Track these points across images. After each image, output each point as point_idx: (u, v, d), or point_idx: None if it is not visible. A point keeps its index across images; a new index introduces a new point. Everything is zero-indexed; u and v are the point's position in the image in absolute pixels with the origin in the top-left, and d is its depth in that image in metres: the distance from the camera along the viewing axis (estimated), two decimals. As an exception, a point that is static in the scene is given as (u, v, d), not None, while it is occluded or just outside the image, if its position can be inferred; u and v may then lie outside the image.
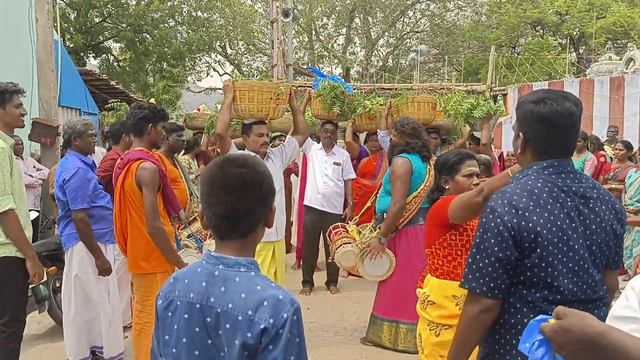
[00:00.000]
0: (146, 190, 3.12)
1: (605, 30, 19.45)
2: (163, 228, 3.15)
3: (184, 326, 1.38)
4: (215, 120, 5.67)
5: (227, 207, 1.36)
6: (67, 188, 3.58)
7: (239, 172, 1.38)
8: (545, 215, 1.64)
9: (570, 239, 1.65)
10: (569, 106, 1.70)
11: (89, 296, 3.76)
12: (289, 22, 13.10)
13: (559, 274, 1.63)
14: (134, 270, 3.38)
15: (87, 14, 20.40)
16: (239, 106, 3.98)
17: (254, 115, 4.06)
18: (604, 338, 1.04)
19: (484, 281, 1.65)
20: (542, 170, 1.72)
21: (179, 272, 1.49)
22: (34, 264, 3.09)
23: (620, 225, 1.76)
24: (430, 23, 26.65)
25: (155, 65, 22.92)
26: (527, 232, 1.62)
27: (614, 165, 6.80)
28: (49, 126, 6.24)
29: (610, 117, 11.10)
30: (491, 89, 13.20)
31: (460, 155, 2.83)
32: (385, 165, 6.36)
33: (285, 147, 4.37)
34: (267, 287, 1.34)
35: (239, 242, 1.41)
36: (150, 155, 3.26)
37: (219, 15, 25.12)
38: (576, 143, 1.86)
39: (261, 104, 4.00)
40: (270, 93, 4.01)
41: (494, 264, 1.64)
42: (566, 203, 1.67)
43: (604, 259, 1.73)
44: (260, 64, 28.20)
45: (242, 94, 3.95)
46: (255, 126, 4.05)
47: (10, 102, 3.13)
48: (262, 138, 4.04)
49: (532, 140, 1.75)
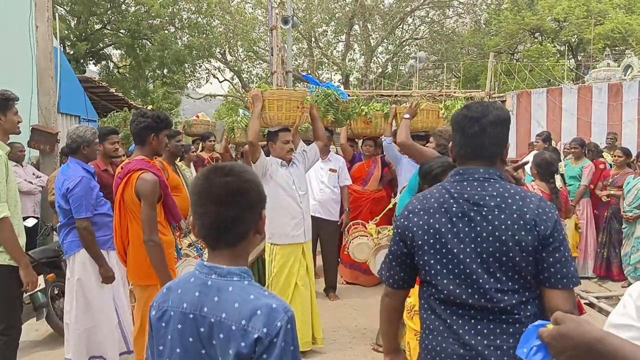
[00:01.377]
0: (144, 202, 3.07)
1: (604, 37, 19.53)
2: (159, 241, 3.08)
3: (178, 336, 1.37)
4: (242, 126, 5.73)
5: (214, 217, 1.36)
6: (71, 197, 3.56)
7: (224, 182, 1.37)
8: (425, 218, 1.75)
9: (448, 242, 1.70)
10: (476, 110, 1.75)
11: (91, 304, 3.74)
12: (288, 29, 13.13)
13: (437, 274, 1.72)
14: (134, 281, 3.35)
15: (87, 21, 20.48)
16: (267, 114, 4.17)
17: (281, 123, 4.24)
18: (602, 344, 1.04)
19: (386, 271, 1.91)
20: (450, 177, 1.82)
21: (172, 282, 1.49)
22: (27, 272, 3.08)
23: (531, 238, 1.63)
24: (430, 30, 26.78)
25: (155, 72, 22.97)
26: (407, 232, 1.78)
27: (612, 171, 6.81)
28: (49, 133, 6.24)
29: (609, 123, 11.12)
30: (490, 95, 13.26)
31: (443, 167, 2.83)
32: (377, 171, 6.38)
33: (307, 153, 4.52)
34: (260, 296, 1.34)
35: (230, 252, 1.40)
36: (151, 166, 3.19)
37: (219, 22, 25.22)
38: (494, 150, 1.76)
39: (289, 112, 4.20)
40: (297, 102, 4.21)
41: (389, 257, 1.89)
42: (451, 209, 1.72)
43: (506, 269, 1.65)
44: (260, 70, 28.28)
45: (271, 103, 4.14)
46: (282, 133, 4.26)
47: (11, 109, 3.16)
48: (288, 145, 4.27)
49: (452, 146, 1.87)
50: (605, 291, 6.29)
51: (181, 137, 5.37)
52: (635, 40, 19.32)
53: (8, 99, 3.13)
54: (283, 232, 4.27)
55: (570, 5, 20.27)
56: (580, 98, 11.75)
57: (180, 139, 5.15)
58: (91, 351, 3.80)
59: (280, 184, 4.25)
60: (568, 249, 1.69)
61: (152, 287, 3.18)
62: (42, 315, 4.28)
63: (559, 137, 11.35)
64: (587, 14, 20.09)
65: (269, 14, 13.26)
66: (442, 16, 26.57)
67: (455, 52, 25.74)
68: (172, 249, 3.30)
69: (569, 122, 11.85)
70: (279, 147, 4.26)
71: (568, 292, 1.65)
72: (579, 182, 6.70)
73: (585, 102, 11.64)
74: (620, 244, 6.50)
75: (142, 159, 3.20)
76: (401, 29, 27.56)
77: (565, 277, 1.64)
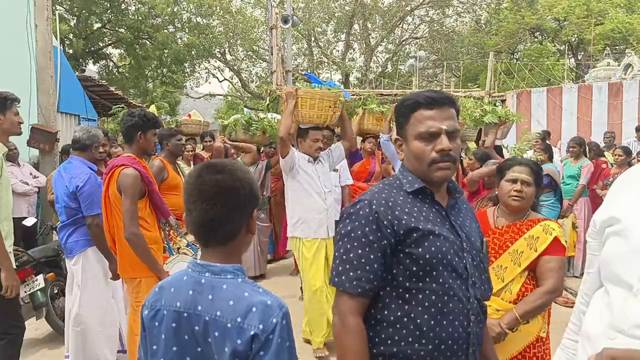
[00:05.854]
0: (124, 196, 3.14)
1: (604, 36, 19.51)
2: (140, 234, 3.14)
3: (173, 335, 1.36)
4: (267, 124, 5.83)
5: (203, 215, 1.35)
6: (81, 194, 3.59)
7: (215, 179, 1.36)
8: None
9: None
10: (409, 97, 1.69)
11: (95, 303, 3.75)
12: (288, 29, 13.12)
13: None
14: (122, 275, 3.42)
15: (87, 20, 20.46)
16: (300, 112, 4.27)
17: (313, 122, 4.37)
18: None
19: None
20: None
21: (165, 280, 1.48)
22: (8, 276, 3.04)
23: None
24: (429, 29, 26.76)
25: (155, 71, 22.97)
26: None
27: (613, 170, 6.80)
28: (48, 132, 6.24)
29: (609, 122, 11.10)
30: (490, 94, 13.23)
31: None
32: (378, 167, 6.38)
33: (332, 152, 4.62)
34: (255, 293, 1.34)
35: (221, 250, 1.40)
36: (135, 162, 3.26)
37: (219, 22, 25.21)
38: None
39: (321, 112, 4.30)
40: (330, 102, 4.30)
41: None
42: None
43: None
44: (260, 70, 28.29)
45: (304, 102, 4.25)
46: (312, 131, 4.40)
47: (11, 109, 3.16)
48: (317, 143, 4.41)
49: None
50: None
51: (182, 137, 5.36)
52: (636, 40, 19.30)
53: (7, 99, 3.14)
54: (307, 226, 4.38)
55: (570, 5, 20.26)
56: (581, 97, 11.74)
57: (180, 138, 5.14)
58: (89, 357, 3.80)
59: (307, 179, 4.38)
60: None
61: (139, 280, 3.24)
62: (41, 315, 4.29)
63: (559, 137, 11.34)
64: (588, 14, 20.07)
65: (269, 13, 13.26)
66: (442, 15, 26.55)
67: (455, 51, 25.72)
68: (156, 245, 3.32)
69: (569, 121, 11.83)
70: (308, 145, 4.39)
71: None
72: (577, 181, 6.69)
73: (586, 101, 11.63)
74: (620, 242, 6.48)
75: (128, 156, 3.28)
76: (401, 28, 27.56)
77: None
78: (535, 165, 2.62)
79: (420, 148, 1.60)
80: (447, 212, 1.65)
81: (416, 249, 1.53)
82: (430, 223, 1.58)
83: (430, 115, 1.60)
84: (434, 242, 1.55)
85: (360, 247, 1.54)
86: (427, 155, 1.59)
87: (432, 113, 1.60)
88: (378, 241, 1.53)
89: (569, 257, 6.81)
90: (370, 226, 1.54)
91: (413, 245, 1.53)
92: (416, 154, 1.61)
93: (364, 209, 1.57)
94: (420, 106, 1.61)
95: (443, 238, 1.56)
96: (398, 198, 1.61)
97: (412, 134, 1.62)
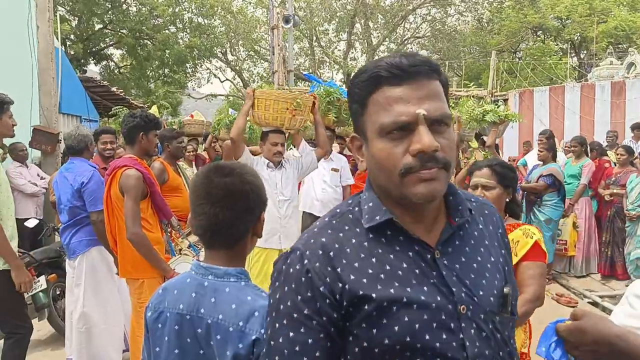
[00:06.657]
0: (126, 196, 3.14)
1: (607, 34, 19.46)
2: (143, 234, 3.13)
3: (175, 337, 1.36)
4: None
5: (211, 217, 1.34)
6: (85, 191, 3.63)
7: (223, 182, 1.35)
8: None
9: None
10: (364, 68, 1.07)
11: (100, 303, 3.76)
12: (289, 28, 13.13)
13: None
14: (123, 276, 3.41)
15: (89, 21, 20.49)
16: (256, 113, 4.11)
17: (269, 124, 4.16)
18: (623, 341, 1.02)
19: None
20: None
21: (168, 282, 1.47)
22: (19, 274, 3.08)
23: None
24: (431, 28, 26.73)
25: (156, 72, 22.99)
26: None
27: (615, 170, 6.77)
28: (50, 133, 6.25)
29: (612, 121, 11.06)
30: (492, 94, 13.21)
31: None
32: None
33: (302, 159, 4.37)
34: (257, 298, 1.33)
35: (226, 252, 1.39)
36: (137, 163, 3.26)
37: (221, 22, 25.23)
38: None
39: (277, 113, 4.08)
40: (286, 103, 4.07)
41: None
42: None
43: None
44: (261, 70, 28.30)
45: (260, 102, 4.08)
46: (272, 135, 4.16)
47: (7, 112, 3.17)
48: (276, 147, 4.13)
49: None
50: (608, 290, 6.26)
51: (183, 139, 5.37)
52: (639, 38, 19.24)
53: (3, 102, 3.14)
54: None
55: (573, 3, 20.20)
56: (583, 96, 11.71)
57: (182, 140, 5.14)
58: (96, 350, 3.80)
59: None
60: None
61: (142, 282, 3.23)
62: (44, 316, 4.29)
63: (561, 136, 11.30)
64: (590, 12, 20.01)
65: (270, 13, 13.26)
66: (444, 14, 26.52)
67: (457, 50, 25.71)
68: (158, 246, 3.31)
69: (572, 120, 11.80)
70: (267, 148, 4.17)
71: None
72: (578, 180, 6.67)
73: (588, 100, 11.59)
74: (623, 242, 6.47)
75: (130, 157, 3.28)
76: (403, 27, 27.54)
77: None
78: (498, 165, 2.41)
79: (384, 150, 0.99)
80: (434, 256, 1.02)
81: (369, 330, 0.96)
82: (396, 283, 0.98)
83: (398, 95, 0.97)
84: (400, 316, 0.96)
85: (291, 328, 0.98)
86: (398, 162, 0.97)
87: (400, 91, 0.97)
88: (316, 316, 0.98)
89: (569, 257, 6.80)
90: (303, 293, 0.99)
91: (364, 324, 0.97)
92: (379, 159, 1.00)
93: (294, 266, 1.02)
94: (381, 81, 0.99)
95: (417, 307, 0.97)
96: (349, 241, 1.03)
97: (373, 129, 1.01)
